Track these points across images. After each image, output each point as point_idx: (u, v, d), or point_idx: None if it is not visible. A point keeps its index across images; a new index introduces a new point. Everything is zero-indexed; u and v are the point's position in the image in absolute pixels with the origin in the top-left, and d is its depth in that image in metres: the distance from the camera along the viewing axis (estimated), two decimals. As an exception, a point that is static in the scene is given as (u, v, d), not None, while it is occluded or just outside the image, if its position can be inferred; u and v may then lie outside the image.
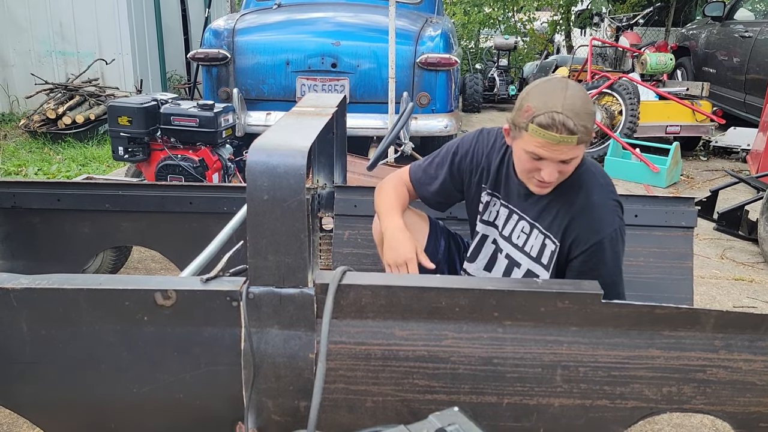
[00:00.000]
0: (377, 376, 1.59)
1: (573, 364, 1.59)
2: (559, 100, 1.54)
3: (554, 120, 1.53)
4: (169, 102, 3.12)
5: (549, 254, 1.79)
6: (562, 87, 1.57)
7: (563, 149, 1.57)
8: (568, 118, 1.52)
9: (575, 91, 1.57)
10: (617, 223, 1.69)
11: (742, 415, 1.66)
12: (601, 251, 1.68)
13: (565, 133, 1.54)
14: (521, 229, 1.86)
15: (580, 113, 1.54)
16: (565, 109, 1.53)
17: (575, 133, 1.53)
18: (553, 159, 1.61)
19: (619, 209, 1.73)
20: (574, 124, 1.53)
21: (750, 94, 6.21)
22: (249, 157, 1.46)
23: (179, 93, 7.51)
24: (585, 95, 1.58)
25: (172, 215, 2.50)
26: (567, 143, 1.56)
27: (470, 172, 1.93)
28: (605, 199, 1.71)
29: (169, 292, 1.52)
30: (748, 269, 3.36)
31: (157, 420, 1.64)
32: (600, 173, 1.78)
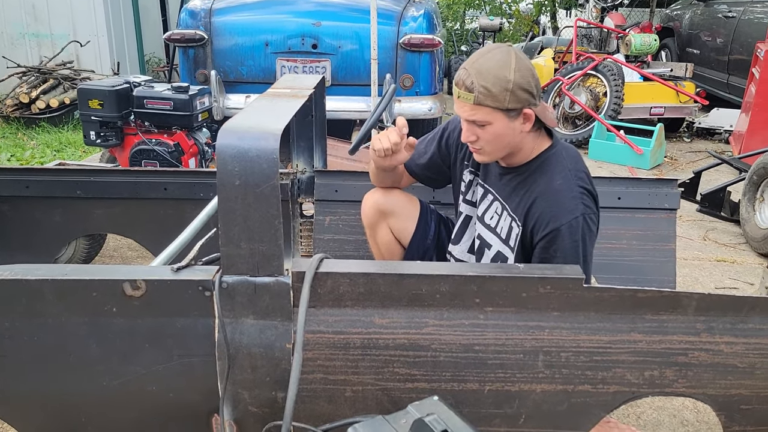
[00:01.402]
0: (356, 365, 1.56)
1: (555, 350, 1.56)
2: (475, 58, 1.57)
3: (459, 75, 1.57)
4: (143, 84, 3.02)
5: (514, 237, 1.76)
6: (489, 49, 1.59)
7: (464, 107, 1.59)
8: (469, 75, 1.54)
9: (497, 55, 1.56)
10: (580, 211, 1.63)
11: (724, 398, 1.65)
12: (559, 239, 1.63)
13: (463, 90, 1.56)
14: (495, 209, 1.83)
15: (485, 74, 1.53)
16: (472, 66, 1.55)
17: (471, 90, 1.54)
18: (462, 117, 1.63)
19: (585, 196, 1.67)
20: (472, 81, 1.53)
21: (733, 75, 6.21)
22: (218, 141, 1.40)
23: (158, 76, 7.36)
24: (507, 62, 1.55)
25: (147, 202, 2.43)
26: (465, 100, 1.57)
27: (456, 148, 1.91)
28: (569, 184, 1.66)
29: (139, 282, 1.47)
30: (730, 250, 3.37)
31: (130, 413, 1.59)
32: (571, 158, 1.73)
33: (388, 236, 1.98)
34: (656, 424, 1.87)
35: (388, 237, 1.98)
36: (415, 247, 2.02)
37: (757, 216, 3.42)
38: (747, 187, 3.51)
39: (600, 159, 5.13)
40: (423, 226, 2.02)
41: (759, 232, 3.32)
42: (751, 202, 3.48)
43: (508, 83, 1.53)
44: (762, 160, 3.39)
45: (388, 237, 1.98)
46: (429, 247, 2.04)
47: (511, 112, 1.58)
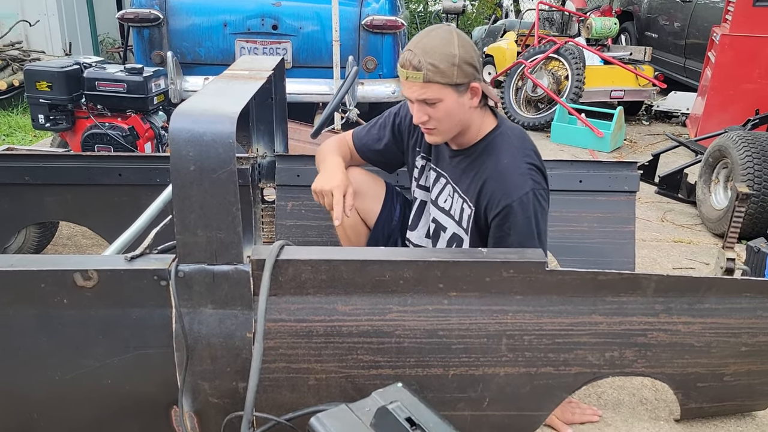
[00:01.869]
0: (320, 353, 1.53)
1: (518, 333, 1.57)
2: (417, 39, 1.59)
3: (405, 57, 1.58)
4: (94, 66, 2.89)
5: (467, 218, 1.76)
6: (430, 29, 1.61)
7: (414, 87, 1.60)
8: (414, 55, 1.56)
9: (439, 33, 1.59)
10: (529, 186, 1.65)
11: (681, 377, 1.69)
12: (511, 215, 1.64)
13: (411, 69, 1.57)
14: (447, 192, 1.83)
15: (431, 51, 1.56)
16: (416, 46, 1.57)
17: (420, 69, 1.55)
18: (412, 98, 1.63)
19: (534, 172, 1.68)
20: (419, 60, 1.55)
21: (690, 59, 6.34)
22: (171, 124, 1.35)
23: (112, 57, 7.10)
24: (449, 38, 1.58)
25: (101, 188, 2.34)
26: (414, 80, 1.58)
27: (408, 133, 1.91)
28: (517, 162, 1.67)
29: (90, 272, 1.41)
30: (687, 231, 3.46)
31: (85, 408, 1.54)
32: (517, 137, 1.75)
33: (354, 217, 1.95)
34: (616, 404, 1.90)
35: (354, 218, 1.95)
36: (380, 228, 2.00)
37: (712, 197, 3.51)
38: (703, 169, 3.59)
39: (562, 142, 5.19)
40: (389, 208, 2.00)
41: (714, 213, 3.41)
42: (707, 184, 3.56)
43: (454, 58, 1.56)
44: (717, 142, 3.47)
45: (354, 218, 1.95)
46: (394, 229, 2.02)
47: (460, 87, 1.60)
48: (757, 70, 4.55)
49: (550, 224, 2.41)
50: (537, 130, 5.58)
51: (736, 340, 1.65)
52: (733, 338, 1.64)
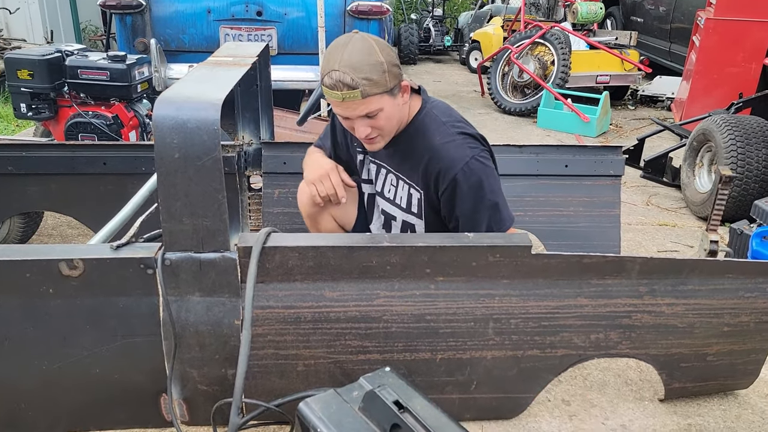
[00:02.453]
0: (308, 339, 1.54)
1: (504, 317, 1.58)
2: (338, 57, 1.52)
3: (333, 79, 1.51)
4: (76, 53, 2.85)
5: (417, 203, 1.77)
6: (344, 43, 1.54)
7: (354, 105, 1.54)
8: (344, 74, 1.49)
9: (357, 44, 1.53)
10: (469, 155, 1.64)
11: (665, 357, 1.72)
12: (458, 188, 1.65)
13: (346, 90, 1.51)
14: (390, 182, 1.83)
15: (359, 66, 1.50)
16: (342, 65, 1.50)
17: (356, 87, 1.50)
18: (352, 116, 1.58)
19: (469, 139, 1.67)
20: (352, 78, 1.49)
21: (675, 43, 6.36)
22: (155, 112, 1.34)
23: (95, 45, 7.00)
24: (369, 47, 1.53)
25: (85, 177, 2.32)
26: (353, 99, 1.52)
27: (344, 135, 1.89)
28: (449, 136, 1.67)
29: (76, 261, 1.40)
30: (672, 214, 3.49)
31: (72, 397, 1.54)
32: (443, 112, 1.72)
33: (331, 224, 1.94)
34: (602, 385, 1.93)
35: (332, 225, 1.95)
36: (359, 231, 2.00)
37: (697, 181, 3.54)
38: (687, 153, 3.62)
39: (548, 127, 5.20)
40: (364, 210, 2.00)
41: (698, 196, 3.44)
42: (691, 168, 3.60)
43: (382, 65, 1.53)
44: (701, 126, 3.50)
45: (332, 225, 1.95)
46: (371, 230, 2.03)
47: (393, 90, 1.58)
48: (740, 54, 4.58)
49: (537, 209, 2.45)
50: (523, 115, 5.59)
51: (718, 320, 1.67)
52: (715, 319, 1.67)
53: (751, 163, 3.12)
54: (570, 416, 1.80)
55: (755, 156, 3.12)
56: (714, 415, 1.82)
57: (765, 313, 1.68)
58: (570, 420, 1.78)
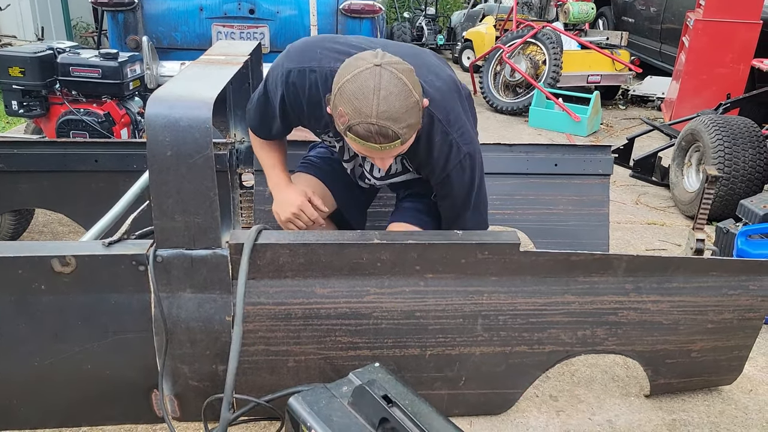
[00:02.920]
0: (298, 335, 1.56)
1: (493, 313, 1.61)
2: (372, 106, 1.34)
3: (371, 132, 1.36)
4: (67, 51, 2.85)
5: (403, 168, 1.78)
6: (374, 88, 1.34)
7: (391, 153, 1.44)
8: (384, 127, 1.35)
9: (390, 88, 1.35)
10: (460, 156, 1.59)
11: (650, 353, 1.74)
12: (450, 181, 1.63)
13: (385, 143, 1.38)
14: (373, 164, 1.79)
15: (398, 116, 1.35)
16: (380, 117, 1.34)
17: (397, 138, 1.38)
18: (384, 157, 1.48)
19: (461, 140, 1.59)
20: (393, 131, 1.36)
21: (665, 44, 6.42)
22: (147, 110, 1.35)
23: (86, 42, 6.97)
24: (403, 88, 1.36)
25: (77, 174, 2.32)
26: (392, 148, 1.40)
27: (300, 119, 1.73)
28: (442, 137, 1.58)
29: (68, 258, 1.41)
30: (660, 213, 3.53)
31: (64, 393, 1.55)
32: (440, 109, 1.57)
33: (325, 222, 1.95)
34: (589, 381, 1.96)
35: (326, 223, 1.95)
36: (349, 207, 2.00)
37: (685, 180, 3.58)
38: (676, 152, 3.66)
39: (539, 126, 5.23)
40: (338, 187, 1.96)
41: (686, 195, 3.48)
42: (680, 167, 3.64)
43: (417, 104, 1.40)
44: (689, 126, 3.54)
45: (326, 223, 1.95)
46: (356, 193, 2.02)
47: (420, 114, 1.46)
48: (729, 55, 4.63)
49: (527, 207, 2.47)
50: (515, 114, 5.62)
51: (702, 317, 1.70)
52: (699, 316, 1.70)
53: (737, 163, 3.16)
54: (557, 411, 1.82)
55: (742, 156, 3.16)
56: (698, 410, 1.85)
57: (748, 310, 1.72)
58: (557, 415, 1.81)
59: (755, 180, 3.16)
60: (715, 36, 4.61)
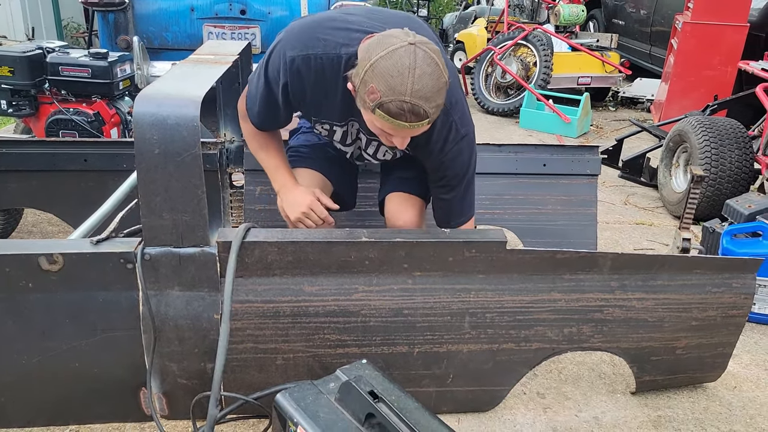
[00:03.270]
0: (287, 333, 1.57)
1: (480, 311, 1.62)
2: (407, 84, 1.34)
3: (403, 110, 1.36)
4: (57, 50, 2.85)
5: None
6: (410, 66, 1.34)
7: (414, 131, 1.45)
8: (417, 105, 1.35)
9: (423, 68, 1.35)
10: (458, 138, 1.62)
11: (635, 351, 1.76)
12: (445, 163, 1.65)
13: (415, 121, 1.39)
14: (385, 150, 1.80)
15: (430, 95, 1.37)
16: (414, 96, 1.34)
17: (427, 117, 1.39)
18: (404, 135, 1.48)
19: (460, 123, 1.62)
20: (425, 110, 1.37)
21: (655, 46, 6.47)
22: (135, 108, 1.35)
23: (77, 42, 6.94)
24: (436, 68, 1.38)
25: (66, 174, 2.32)
26: (418, 128, 1.43)
27: (300, 106, 1.71)
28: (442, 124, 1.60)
29: (55, 256, 1.42)
30: (649, 213, 3.56)
31: (52, 391, 1.54)
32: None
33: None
34: (576, 378, 1.98)
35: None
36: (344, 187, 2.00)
37: (673, 181, 3.61)
38: (664, 153, 3.70)
39: (530, 128, 5.26)
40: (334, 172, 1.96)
41: (674, 195, 3.51)
42: (668, 168, 3.67)
43: (446, 85, 1.41)
44: (677, 127, 3.57)
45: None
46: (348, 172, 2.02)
47: None
48: (717, 57, 4.68)
49: (516, 207, 2.49)
50: (506, 115, 5.65)
51: (687, 315, 1.73)
52: (684, 313, 1.72)
53: (724, 163, 3.19)
54: (544, 408, 1.84)
55: (728, 157, 3.20)
56: (683, 407, 1.87)
57: (731, 308, 1.74)
58: (544, 412, 1.82)
59: (741, 180, 3.19)
60: (702, 38, 4.66)
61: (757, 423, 1.82)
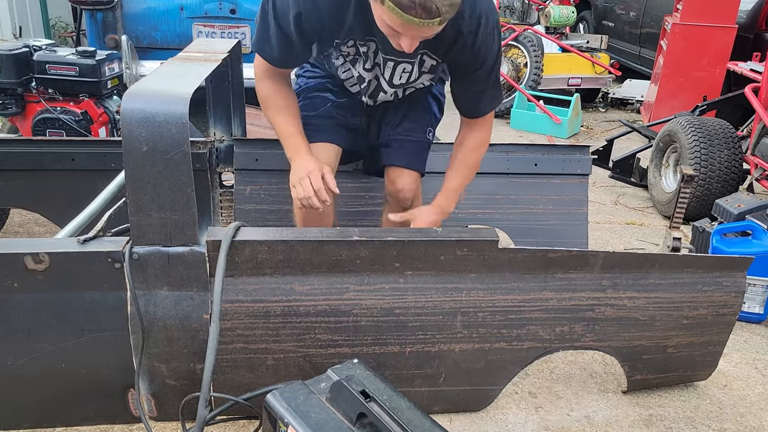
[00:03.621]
0: (277, 333, 1.55)
1: (472, 310, 1.61)
2: None
3: (414, 3, 1.29)
4: (44, 48, 2.81)
5: (428, 67, 1.75)
6: None
7: (425, 30, 1.37)
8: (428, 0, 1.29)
9: None
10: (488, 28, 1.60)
11: (627, 349, 1.76)
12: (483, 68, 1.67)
13: (426, 18, 1.32)
14: (402, 70, 1.75)
15: None
16: None
17: (438, 15, 1.32)
18: (414, 36, 1.41)
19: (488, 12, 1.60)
20: (437, 6, 1.30)
21: (644, 47, 6.50)
22: (123, 105, 1.33)
23: (65, 42, 6.88)
24: None
25: (52, 173, 2.29)
26: (430, 26, 1.34)
27: (318, 33, 1.65)
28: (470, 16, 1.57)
29: (41, 255, 1.39)
30: (639, 213, 3.58)
31: (39, 392, 1.52)
32: None
33: None
34: (568, 378, 1.98)
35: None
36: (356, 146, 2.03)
37: (663, 181, 3.63)
38: (654, 153, 3.71)
39: (521, 128, 5.27)
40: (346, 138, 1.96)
41: (664, 195, 3.53)
42: (658, 168, 3.69)
43: None
44: (666, 127, 3.59)
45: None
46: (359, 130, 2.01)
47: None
48: (705, 58, 4.71)
49: (508, 206, 2.49)
50: (497, 116, 5.65)
51: (678, 313, 1.73)
52: (675, 312, 1.72)
53: (713, 163, 3.21)
54: (536, 408, 1.83)
55: (717, 156, 3.22)
56: (674, 405, 1.88)
57: (722, 306, 1.74)
58: (536, 411, 1.82)
59: (730, 180, 3.21)
60: (691, 40, 4.69)
61: (747, 421, 1.83)
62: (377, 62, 1.76)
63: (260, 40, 1.69)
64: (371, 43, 1.70)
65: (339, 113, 1.96)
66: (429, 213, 1.85)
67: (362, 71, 1.80)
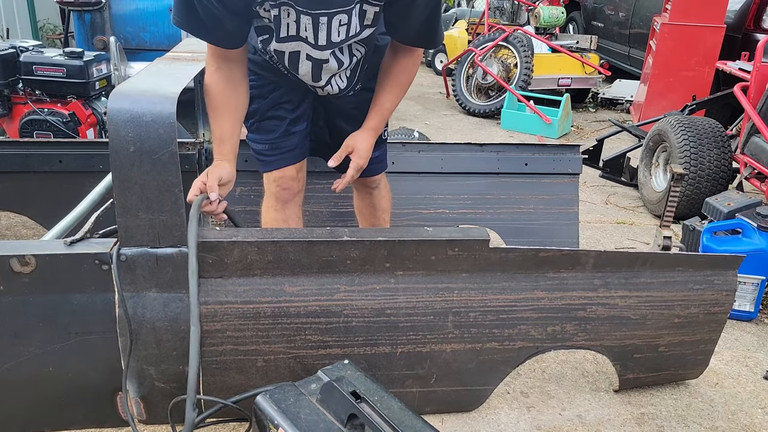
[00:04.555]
0: (268, 334, 1.54)
1: (463, 310, 1.61)
2: None
3: None
4: (31, 49, 2.79)
5: (371, 17, 1.58)
6: None
7: None
8: None
9: None
10: None
11: (619, 348, 1.76)
12: None
13: None
14: (339, 23, 1.56)
15: None
16: None
17: None
18: None
19: None
20: None
21: (633, 48, 6.54)
22: (110, 105, 1.32)
23: (53, 44, 6.83)
24: None
25: (40, 175, 2.27)
26: None
27: None
28: None
29: (27, 257, 1.37)
30: (629, 213, 3.59)
31: (25, 396, 1.50)
32: None
33: None
34: (560, 377, 1.97)
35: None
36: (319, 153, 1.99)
37: (653, 180, 3.65)
38: (644, 153, 3.73)
39: (511, 129, 5.29)
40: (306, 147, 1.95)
41: (654, 195, 3.54)
42: (648, 167, 3.70)
43: None
44: (656, 127, 3.61)
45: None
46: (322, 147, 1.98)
47: None
48: (694, 58, 4.74)
49: (498, 206, 2.49)
50: (487, 117, 5.67)
51: (669, 312, 1.73)
52: (666, 310, 1.73)
53: (703, 162, 3.22)
54: (528, 408, 1.83)
55: (707, 155, 3.23)
56: (666, 404, 1.88)
57: (713, 305, 1.75)
58: (528, 411, 1.81)
59: (720, 179, 3.23)
60: (680, 39, 4.72)
61: (739, 419, 1.84)
62: (305, 25, 1.55)
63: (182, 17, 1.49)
64: (287, 7, 1.50)
65: (298, 127, 1.89)
66: (365, 138, 1.77)
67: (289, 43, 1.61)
